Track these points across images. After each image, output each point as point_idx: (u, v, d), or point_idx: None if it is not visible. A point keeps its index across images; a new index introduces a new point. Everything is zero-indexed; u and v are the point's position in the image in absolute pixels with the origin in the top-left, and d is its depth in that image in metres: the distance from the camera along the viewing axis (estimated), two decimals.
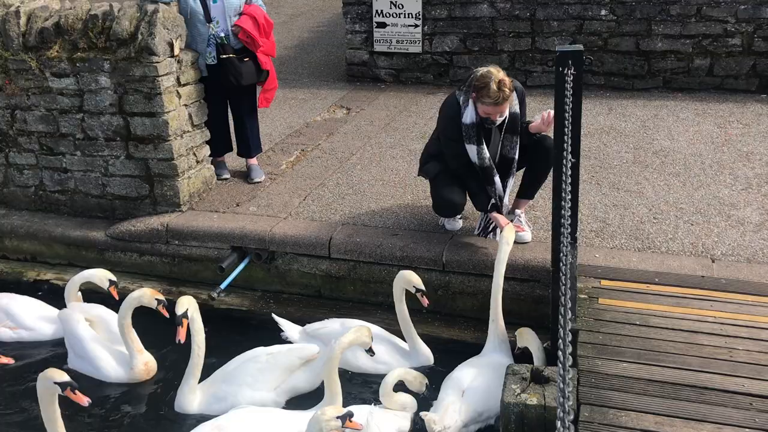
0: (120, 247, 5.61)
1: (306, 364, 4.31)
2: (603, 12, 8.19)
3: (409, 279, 4.43)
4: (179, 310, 4.11)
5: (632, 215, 5.30)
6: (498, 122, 4.68)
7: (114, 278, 4.86)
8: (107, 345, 4.59)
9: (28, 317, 4.92)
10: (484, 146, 4.71)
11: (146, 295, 4.39)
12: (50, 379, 3.57)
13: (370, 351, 4.07)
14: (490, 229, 5.01)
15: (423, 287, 4.43)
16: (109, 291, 4.81)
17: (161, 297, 4.43)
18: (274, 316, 4.85)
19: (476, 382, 4.02)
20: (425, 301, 4.46)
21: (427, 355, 4.51)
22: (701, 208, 5.36)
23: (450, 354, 4.50)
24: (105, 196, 5.77)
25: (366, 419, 3.72)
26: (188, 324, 4.15)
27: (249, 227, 5.31)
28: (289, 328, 4.75)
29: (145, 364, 4.49)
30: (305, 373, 4.30)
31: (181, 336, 4.07)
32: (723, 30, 7.92)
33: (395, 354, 4.49)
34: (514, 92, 4.66)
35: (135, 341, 4.46)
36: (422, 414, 3.89)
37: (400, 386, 4.07)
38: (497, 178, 4.79)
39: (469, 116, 4.65)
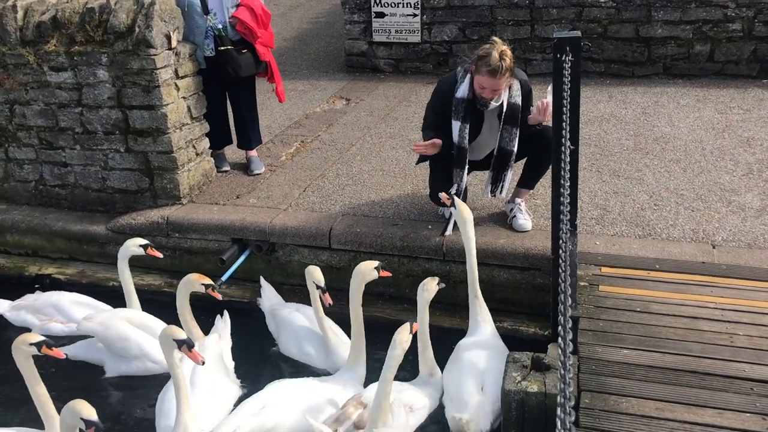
0: (121, 241, 5.54)
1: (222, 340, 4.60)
2: None
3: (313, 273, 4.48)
4: (180, 336, 3.77)
5: (633, 202, 5.29)
6: (491, 106, 4.62)
7: (145, 241, 4.91)
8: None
9: (79, 312, 4.89)
10: (468, 126, 4.66)
11: (192, 281, 4.46)
12: (77, 413, 3.31)
13: None
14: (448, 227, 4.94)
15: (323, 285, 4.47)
16: (148, 254, 4.87)
17: (208, 281, 4.50)
18: (261, 279, 5.07)
19: (492, 374, 3.93)
20: (327, 299, 4.45)
21: (343, 357, 4.42)
22: (702, 194, 5.35)
23: (451, 343, 4.49)
24: (105, 189, 5.77)
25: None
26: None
27: (249, 219, 5.31)
28: (268, 296, 4.98)
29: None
30: (227, 345, 4.60)
31: (199, 358, 3.78)
32: (723, 15, 7.88)
33: (319, 349, 4.53)
34: (516, 81, 4.62)
35: (196, 328, 4.52)
36: (454, 415, 3.79)
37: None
38: (467, 168, 4.76)
39: (461, 90, 4.61)
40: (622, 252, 4.59)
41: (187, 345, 3.74)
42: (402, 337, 3.66)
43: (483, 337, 4.23)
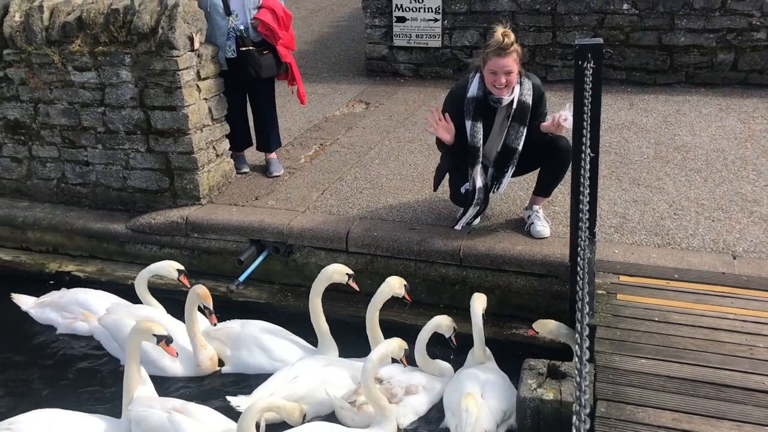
0: (140, 240, 5.66)
1: None
2: (625, 6, 8.10)
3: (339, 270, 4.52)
4: (160, 331, 3.98)
5: (652, 211, 5.24)
6: (504, 101, 4.61)
7: (182, 267, 4.92)
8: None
9: (104, 311, 4.87)
10: (480, 125, 4.67)
11: (200, 296, 4.45)
12: None
13: (451, 340, 4.31)
14: (466, 219, 4.99)
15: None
16: (180, 280, 4.88)
17: (209, 303, 4.47)
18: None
19: (490, 385, 3.97)
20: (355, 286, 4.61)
21: (332, 349, 4.52)
22: (723, 204, 5.29)
23: (467, 350, 4.48)
24: (126, 189, 5.83)
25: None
26: None
27: (267, 220, 5.34)
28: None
29: (210, 358, 4.53)
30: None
31: (174, 352, 4.04)
32: (748, 24, 7.80)
33: (296, 351, 4.51)
34: (528, 81, 4.63)
35: (198, 337, 4.48)
36: (457, 423, 3.80)
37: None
38: (479, 168, 4.76)
39: (471, 89, 4.64)
40: (641, 261, 4.55)
41: (165, 340, 3.94)
42: (396, 343, 4.02)
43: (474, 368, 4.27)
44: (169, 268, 4.88)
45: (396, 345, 4.00)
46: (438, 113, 4.67)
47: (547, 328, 4.19)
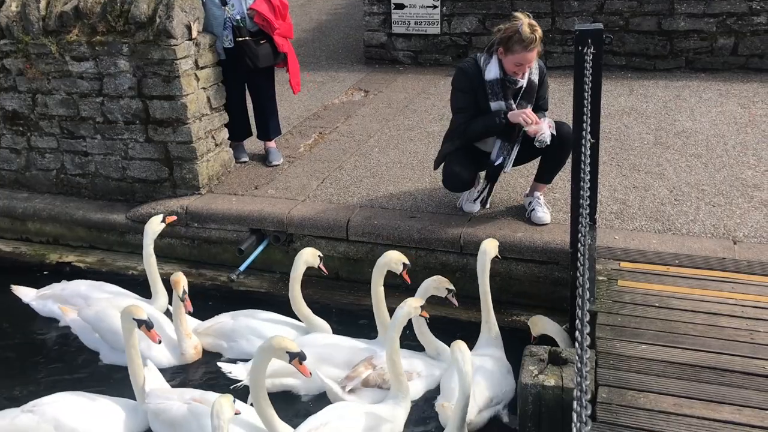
0: (140, 230, 5.59)
1: None
2: None
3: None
4: (140, 315, 3.94)
5: (653, 197, 5.24)
6: (523, 82, 4.65)
7: (161, 215, 4.99)
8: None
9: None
10: (512, 102, 4.69)
11: (172, 281, 4.44)
12: None
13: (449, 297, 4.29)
14: (483, 197, 5.04)
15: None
16: (168, 223, 4.96)
17: (179, 291, 4.43)
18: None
19: (480, 371, 4.00)
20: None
21: (324, 327, 4.57)
22: (723, 189, 5.29)
23: (468, 336, 4.47)
24: (125, 179, 5.82)
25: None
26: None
27: (267, 210, 5.34)
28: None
29: (195, 347, 4.53)
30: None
31: (156, 337, 4.01)
32: (748, 8, 7.77)
33: (293, 334, 4.53)
34: (536, 63, 4.71)
35: (184, 326, 4.48)
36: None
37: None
38: (516, 146, 4.80)
39: (492, 72, 4.64)
40: (642, 247, 4.55)
41: (146, 325, 3.89)
42: (413, 305, 3.91)
43: (483, 350, 4.28)
44: (154, 227, 4.89)
45: (412, 307, 3.90)
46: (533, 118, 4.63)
47: (537, 324, 4.22)
